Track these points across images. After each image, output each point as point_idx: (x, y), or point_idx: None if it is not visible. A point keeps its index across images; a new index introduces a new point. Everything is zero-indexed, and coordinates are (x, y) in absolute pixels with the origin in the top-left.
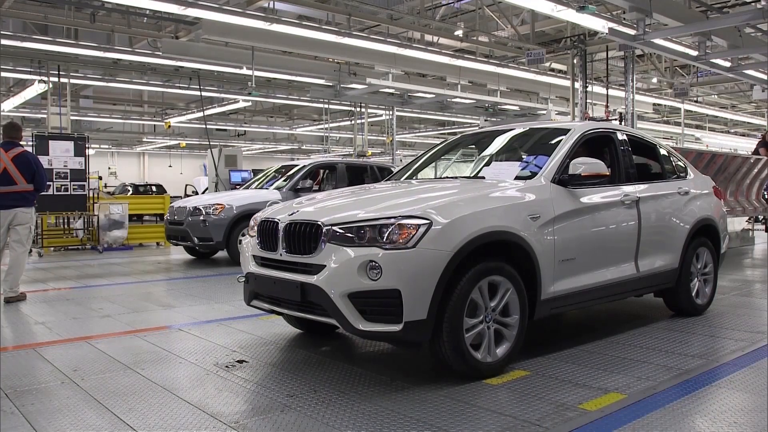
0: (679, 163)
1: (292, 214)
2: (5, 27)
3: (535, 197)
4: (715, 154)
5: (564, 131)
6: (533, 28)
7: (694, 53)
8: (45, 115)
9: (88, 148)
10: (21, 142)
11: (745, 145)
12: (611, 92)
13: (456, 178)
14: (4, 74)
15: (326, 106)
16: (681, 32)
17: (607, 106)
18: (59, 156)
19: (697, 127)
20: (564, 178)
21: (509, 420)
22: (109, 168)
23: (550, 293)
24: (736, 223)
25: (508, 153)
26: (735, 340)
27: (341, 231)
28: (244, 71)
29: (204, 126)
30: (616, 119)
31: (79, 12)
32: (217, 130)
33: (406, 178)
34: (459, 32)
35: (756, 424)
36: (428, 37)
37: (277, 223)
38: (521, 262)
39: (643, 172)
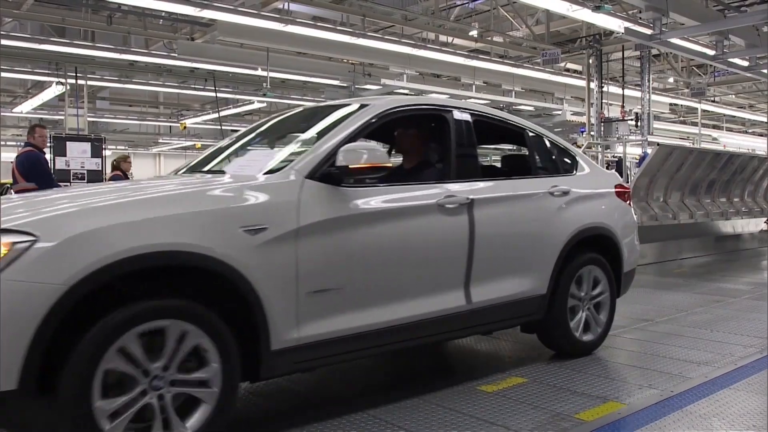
0: (564, 154)
1: None
2: (24, 29)
3: (264, 200)
4: (733, 155)
5: (358, 108)
6: (548, 28)
7: (712, 52)
8: (62, 117)
9: (105, 149)
10: None
11: (764, 146)
12: (627, 92)
13: (204, 172)
14: (22, 76)
15: None
16: (698, 31)
17: (622, 107)
18: (76, 157)
19: (714, 127)
20: (332, 173)
21: (501, 430)
22: None
23: (292, 340)
24: (753, 225)
25: (286, 139)
26: (744, 346)
27: None
28: (259, 72)
29: (219, 127)
30: (632, 119)
31: (96, 14)
32: (233, 131)
33: (188, 171)
34: (473, 32)
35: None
36: (443, 38)
37: None
38: (232, 295)
39: (501, 165)
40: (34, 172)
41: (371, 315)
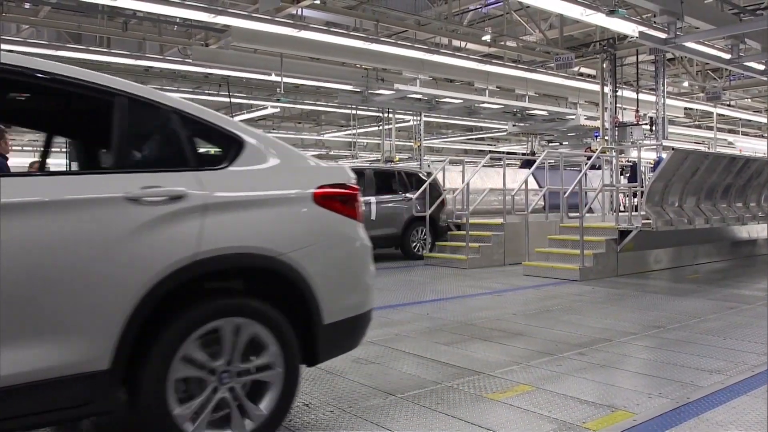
0: (209, 134)
1: None
2: (41, 36)
3: None
4: (749, 159)
5: None
6: (562, 33)
7: (727, 56)
8: None
9: None
10: None
11: None
12: (642, 96)
13: None
14: None
15: (354, 112)
16: (713, 35)
17: (637, 111)
18: None
19: (730, 131)
20: None
21: None
22: None
23: None
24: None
25: None
26: (758, 354)
27: None
28: (273, 78)
29: None
30: (646, 123)
31: (112, 21)
32: None
33: None
34: (487, 37)
35: None
36: (456, 43)
37: None
38: None
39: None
40: None
41: None
